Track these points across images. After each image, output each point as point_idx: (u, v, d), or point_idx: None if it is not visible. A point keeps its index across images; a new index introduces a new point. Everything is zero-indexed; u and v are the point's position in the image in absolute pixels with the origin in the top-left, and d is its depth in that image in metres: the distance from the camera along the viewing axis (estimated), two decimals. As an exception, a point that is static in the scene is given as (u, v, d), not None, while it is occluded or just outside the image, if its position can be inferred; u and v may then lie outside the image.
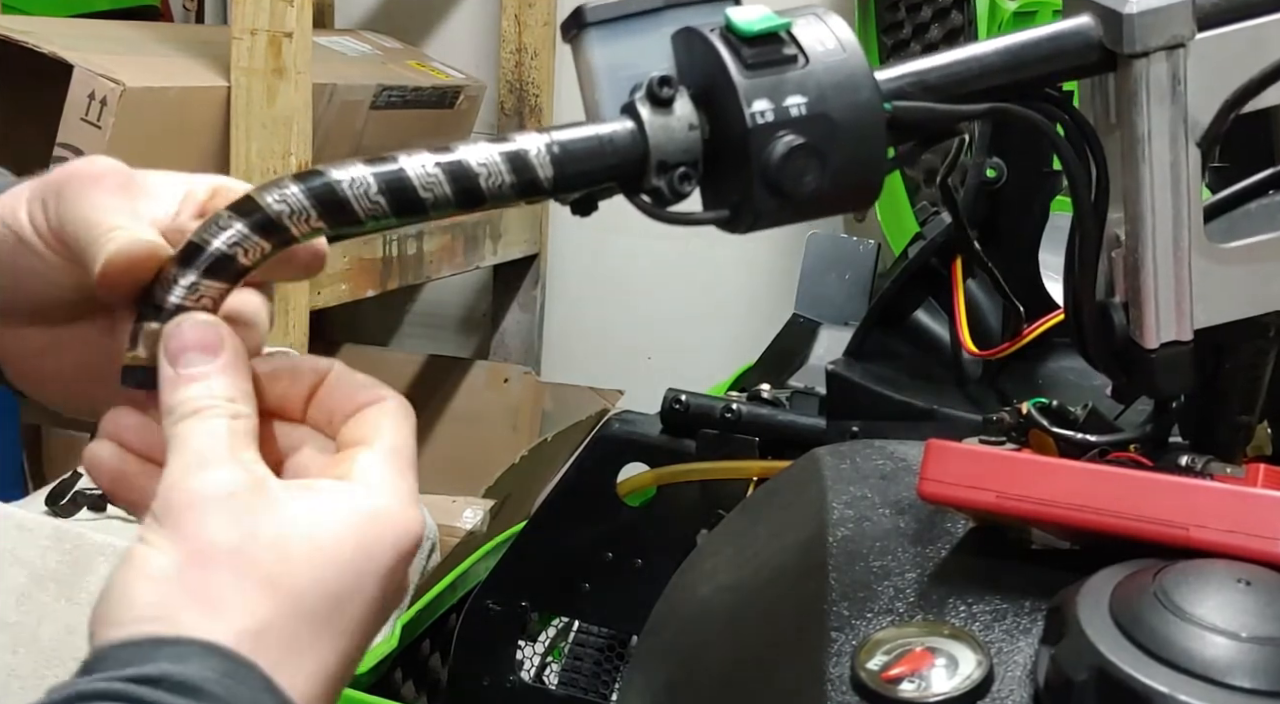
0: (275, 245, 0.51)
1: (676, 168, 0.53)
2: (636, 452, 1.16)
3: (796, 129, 0.53)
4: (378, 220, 0.51)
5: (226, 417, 0.49)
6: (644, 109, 0.53)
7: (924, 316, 1.16)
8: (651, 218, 0.54)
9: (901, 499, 0.70)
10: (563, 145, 0.53)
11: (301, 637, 0.46)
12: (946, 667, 0.57)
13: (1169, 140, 0.60)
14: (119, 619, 0.46)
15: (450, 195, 0.51)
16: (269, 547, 0.47)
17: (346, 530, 0.48)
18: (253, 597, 0.46)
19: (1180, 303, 0.61)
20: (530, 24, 2.62)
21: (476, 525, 1.86)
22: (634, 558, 1.16)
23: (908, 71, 0.57)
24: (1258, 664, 0.51)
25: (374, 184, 0.51)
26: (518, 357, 2.76)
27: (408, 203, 0.51)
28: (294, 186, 0.50)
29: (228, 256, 0.50)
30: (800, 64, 0.54)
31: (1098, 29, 0.59)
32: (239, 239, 0.50)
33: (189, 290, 0.51)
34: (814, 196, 0.54)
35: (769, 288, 2.56)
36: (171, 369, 0.50)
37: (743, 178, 0.53)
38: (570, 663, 1.31)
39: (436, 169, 0.51)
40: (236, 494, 0.47)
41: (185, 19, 2.74)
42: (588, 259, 2.74)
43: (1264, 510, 0.57)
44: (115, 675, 0.43)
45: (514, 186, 0.52)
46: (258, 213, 0.50)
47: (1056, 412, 0.70)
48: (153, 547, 0.47)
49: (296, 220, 0.50)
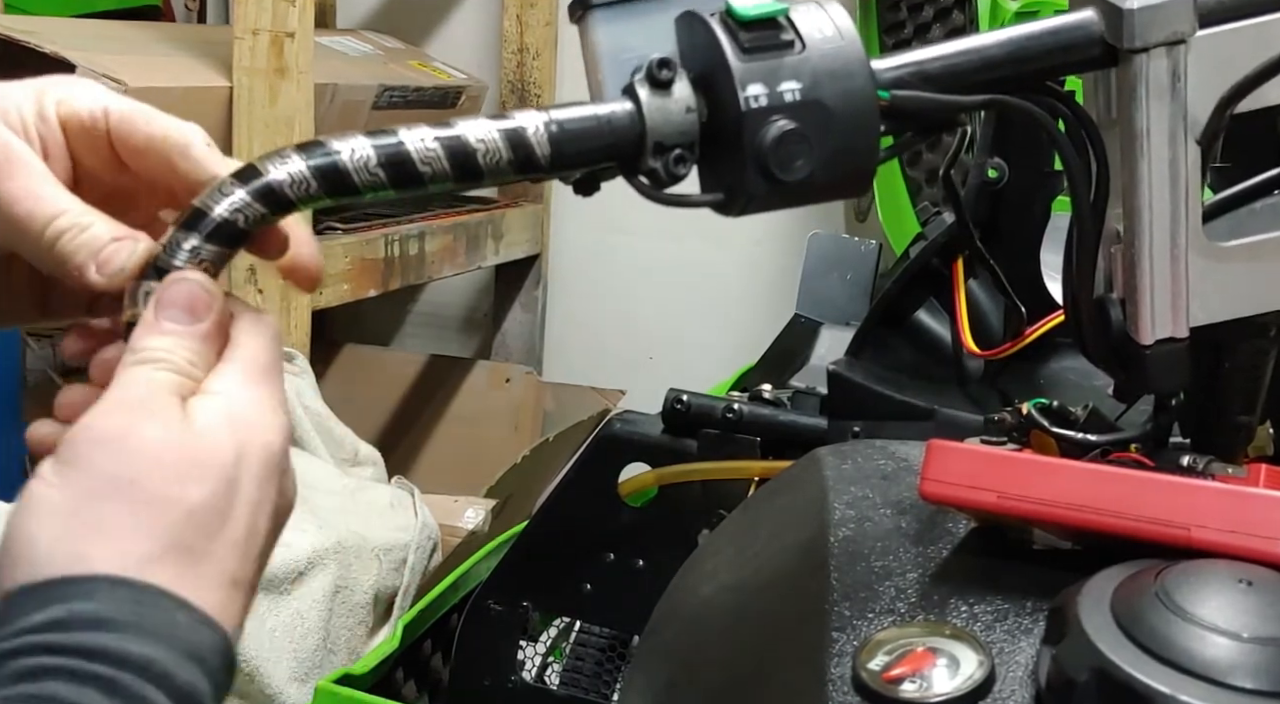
0: (275, 212, 0.52)
1: (673, 150, 0.54)
2: (638, 451, 1.16)
3: (790, 114, 0.53)
4: (376, 192, 0.53)
5: (177, 375, 0.51)
6: (643, 91, 0.54)
7: (925, 317, 1.16)
8: (649, 199, 0.55)
9: (903, 499, 0.70)
10: (561, 124, 0.53)
11: (196, 548, 0.49)
12: (948, 667, 0.57)
13: (1168, 136, 0.60)
14: (23, 559, 0.47)
15: (448, 170, 0.53)
16: (150, 470, 0.48)
17: (214, 441, 0.50)
18: (145, 521, 0.48)
19: (1176, 300, 0.61)
20: (532, 24, 2.62)
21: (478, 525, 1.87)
22: (635, 558, 1.16)
23: (908, 61, 0.58)
24: (1259, 664, 0.51)
25: (374, 157, 0.52)
26: (519, 357, 2.76)
27: (406, 176, 0.52)
28: (296, 156, 0.52)
29: (229, 222, 0.52)
30: (797, 50, 0.54)
31: (1100, 24, 0.59)
32: (240, 205, 0.52)
33: (191, 254, 0.52)
34: (805, 181, 0.54)
35: (770, 288, 2.56)
36: (153, 316, 0.51)
37: (737, 161, 0.54)
38: (571, 663, 1.31)
39: (435, 144, 0.52)
40: (129, 429, 0.49)
41: (187, 19, 2.74)
42: (589, 259, 2.74)
43: (1265, 511, 0.57)
44: (24, 626, 0.45)
45: (511, 163, 0.53)
46: (259, 180, 0.52)
47: (1057, 412, 0.70)
48: (50, 485, 0.48)
49: (296, 189, 0.52)
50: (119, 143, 0.55)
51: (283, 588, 1.55)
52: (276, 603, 1.54)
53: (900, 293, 1.15)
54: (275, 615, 1.53)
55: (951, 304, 1.10)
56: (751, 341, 1.76)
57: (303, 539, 1.58)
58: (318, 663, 1.56)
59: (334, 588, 1.59)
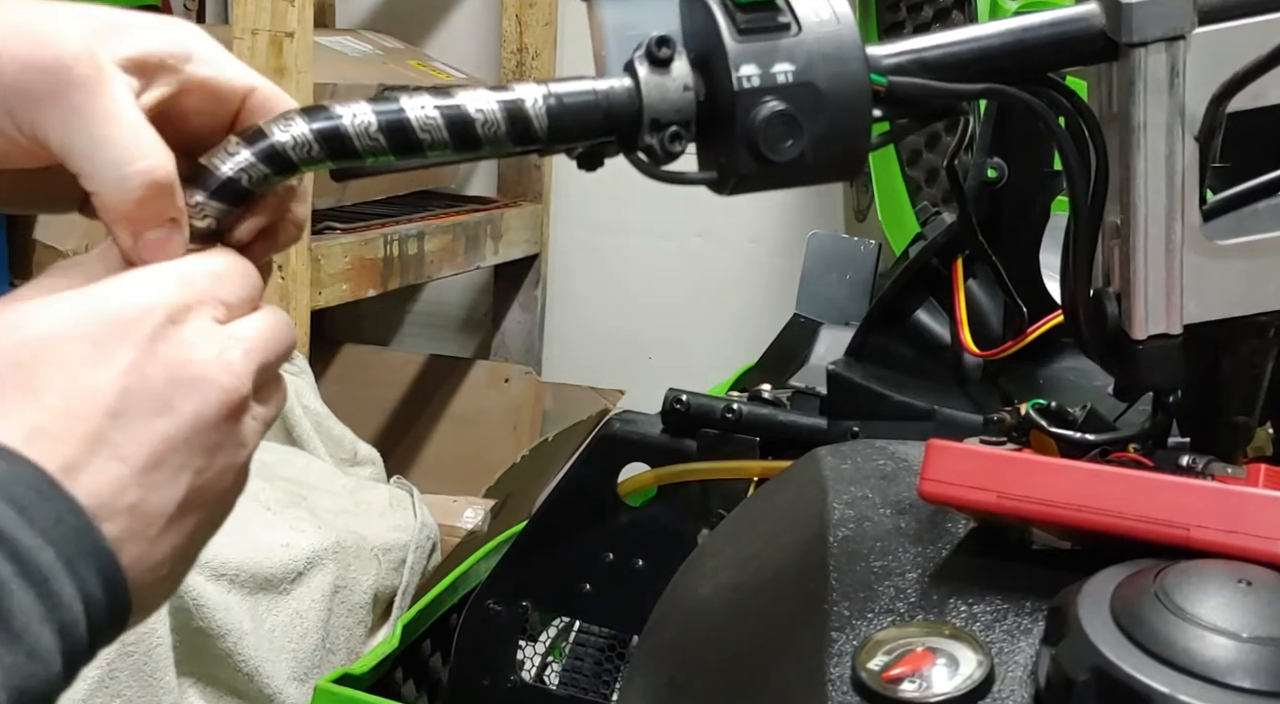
0: (277, 172, 0.54)
1: (669, 127, 0.55)
2: (637, 451, 1.16)
3: (781, 96, 0.54)
4: (377, 157, 0.54)
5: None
6: (642, 68, 0.55)
7: (925, 317, 1.16)
8: (646, 175, 0.56)
9: (902, 499, 0.70)
10: (559, 97, 0.54)
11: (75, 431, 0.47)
12: (947, 667, 0.57)
13: (1164, 132, 0.60)
14: None
15: (447, 138, 0.54)
16: (17, 350, 0.47)
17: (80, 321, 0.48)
18: (17, 401, 0.46)
19: (1170, 296, 0.61)
20: (531, 24, 2.62)
21: (477, 525, 1.87)
22: (635, 558, 1.16)
23: (907, 48, 0.58)
24: (1258, 664, 0.51)
25: (375, 122, 0.53)
26: (518, 356, 2.76)
27: (406, 143, 0.54)
28: (300, 120, 0.54)
29: (234, 180, 0.54)
30: (793, 33, 0.55)
31: (1101, 17, 0.59)
32: (245, 165, 0.54)
33: (196, 210, 0.54)
34: (796, 162, 0.55)
35: (770, 288, 2.56)
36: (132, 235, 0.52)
37: (729, 141, 0.55)
38: (571, 663, 1.31)
39: (435, 112, 0.54)
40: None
41: (186, 19, 2.74)
42: (588, 259, 2.74)
43: (1264, 511, 0.57)
44: None
45: (509, 135, 0.54)
46: (264, 142, 0.53)
47: (1055, 412, 0.70)
48: None
49: (299, 151, 0.53)
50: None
51: (282, 588, 1.55)
52: (276, 603, 1.54)
53: (900, 293, 1.15)
54: (274, 615, 1.53)
55: (951, 304, 1.10)
56: (751, 342, 1.76)
57: (302, 539, 1.58)
58: (317, 663, 1.57)
59: (333, 588, 1.59)
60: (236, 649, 1.47)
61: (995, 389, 1.11)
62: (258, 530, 1.57)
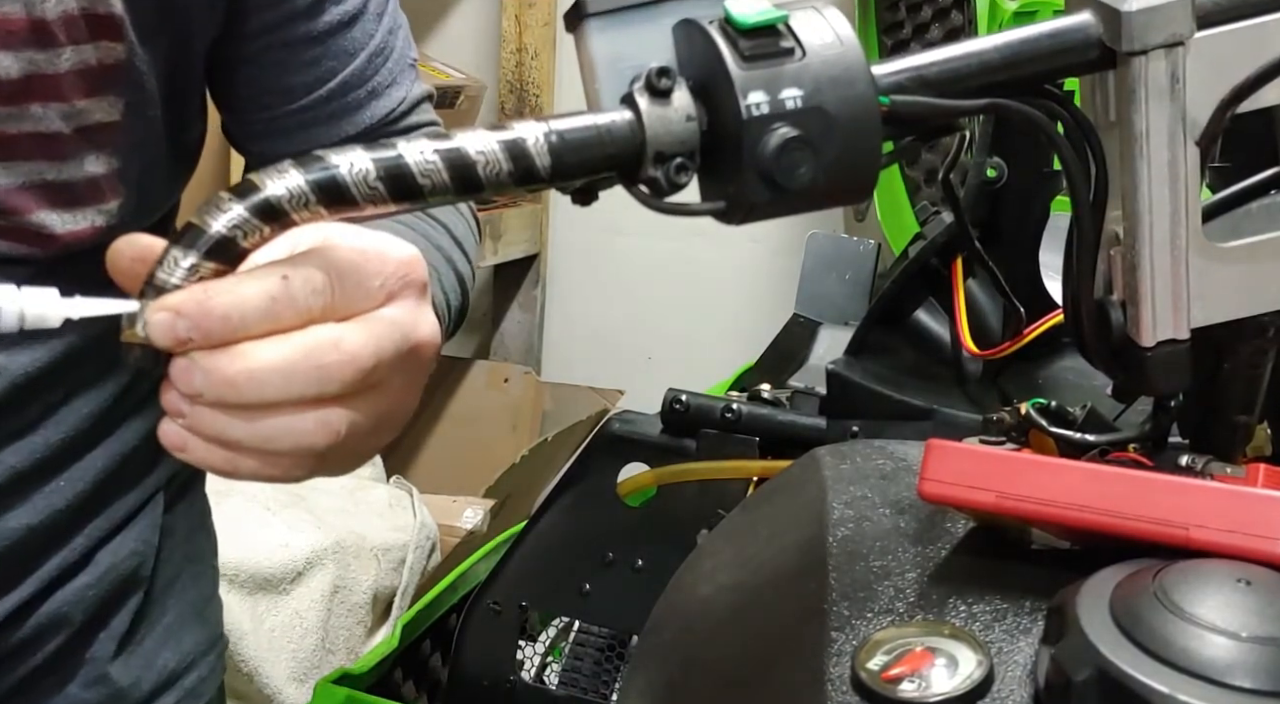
0: (274, 229, 0.52)
1: (673, 159, 0.54)
2: (637, 451, 1.16)
3: (791, 121, 0.53)
4: (376, 205, 0.52)
5: None
6: (642, 100, 0.54)
7: (924, 316, 1.16)
8: (649, 208, 0.55)
9: (901, 499, 0.70)
10: (561, 134, 0.53)
11: None
12: (947, 667, 0.57)
13: (1167, 138, 0.59)
14: None
15: (448, 182, 0.52)
16: None
17: None
18: None
19: (1177, 301, 0.61)
20: (531, 24, 2.62)
21: (477, 525, 1.87)
22: (634, 558, 1.16)
23: (906, 66, 0.57)
24: (1258, 664, 0.51)
25: (373, 170, 0.51)
26: (518, 356, 2.76)
27: (406, 189, 0.52)
28: (293, 170, 0.51)
29: (228, 239, 0.51)
30: (797, 57, 0.54)
31: (1098, 26, 0.59)
32: (239, 222, 0.51)
33: (189, 272, 0.52)
34: (808, 189, 0.54)
35: (769, 288, 2.56)
36: None
37: (738, 169, 0.54)
38: (570, 663, 1.31)
39: (435, 156, 0.52)
40: None
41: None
42: (588, 259, 2.74)
43: (1264, 510, 0.57)
44: None
45: (511, 175, 0.53)
46: (257, 195, 0.51)
47: (1055, 412, 0.70)
48: None
49: (296, 205, 0.51)
50: None
51: (281, 588, 1.55)
52: (275, 603, 1.54)
53: (899, 292, 1.15)
54: (274, 615, 1.54)
55: (950, 304, 1.10)
56: (750, 341, 1.76)
57: (301, 539, 1.58)
58: (316, 663, 1.57)
59: (333, 588, 1.59)
60: (236, 649, 1.47)
61: (995, 389, 1.11)
62: (257, 530, 1.57)
